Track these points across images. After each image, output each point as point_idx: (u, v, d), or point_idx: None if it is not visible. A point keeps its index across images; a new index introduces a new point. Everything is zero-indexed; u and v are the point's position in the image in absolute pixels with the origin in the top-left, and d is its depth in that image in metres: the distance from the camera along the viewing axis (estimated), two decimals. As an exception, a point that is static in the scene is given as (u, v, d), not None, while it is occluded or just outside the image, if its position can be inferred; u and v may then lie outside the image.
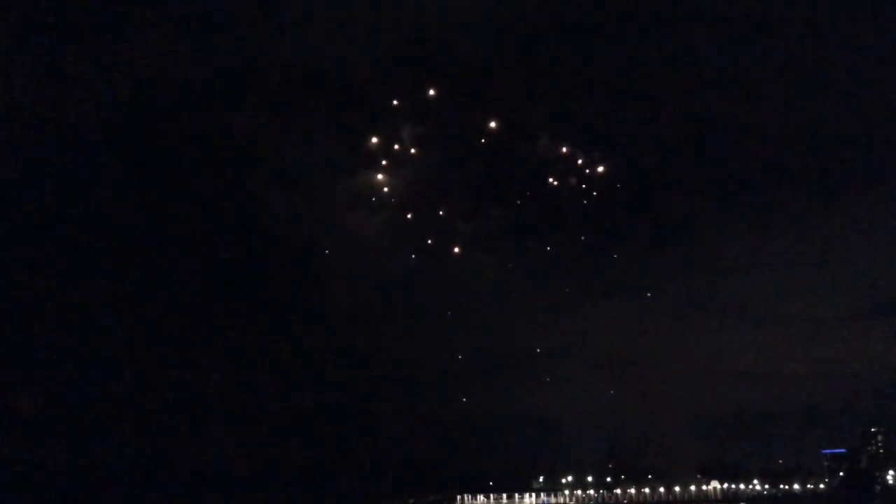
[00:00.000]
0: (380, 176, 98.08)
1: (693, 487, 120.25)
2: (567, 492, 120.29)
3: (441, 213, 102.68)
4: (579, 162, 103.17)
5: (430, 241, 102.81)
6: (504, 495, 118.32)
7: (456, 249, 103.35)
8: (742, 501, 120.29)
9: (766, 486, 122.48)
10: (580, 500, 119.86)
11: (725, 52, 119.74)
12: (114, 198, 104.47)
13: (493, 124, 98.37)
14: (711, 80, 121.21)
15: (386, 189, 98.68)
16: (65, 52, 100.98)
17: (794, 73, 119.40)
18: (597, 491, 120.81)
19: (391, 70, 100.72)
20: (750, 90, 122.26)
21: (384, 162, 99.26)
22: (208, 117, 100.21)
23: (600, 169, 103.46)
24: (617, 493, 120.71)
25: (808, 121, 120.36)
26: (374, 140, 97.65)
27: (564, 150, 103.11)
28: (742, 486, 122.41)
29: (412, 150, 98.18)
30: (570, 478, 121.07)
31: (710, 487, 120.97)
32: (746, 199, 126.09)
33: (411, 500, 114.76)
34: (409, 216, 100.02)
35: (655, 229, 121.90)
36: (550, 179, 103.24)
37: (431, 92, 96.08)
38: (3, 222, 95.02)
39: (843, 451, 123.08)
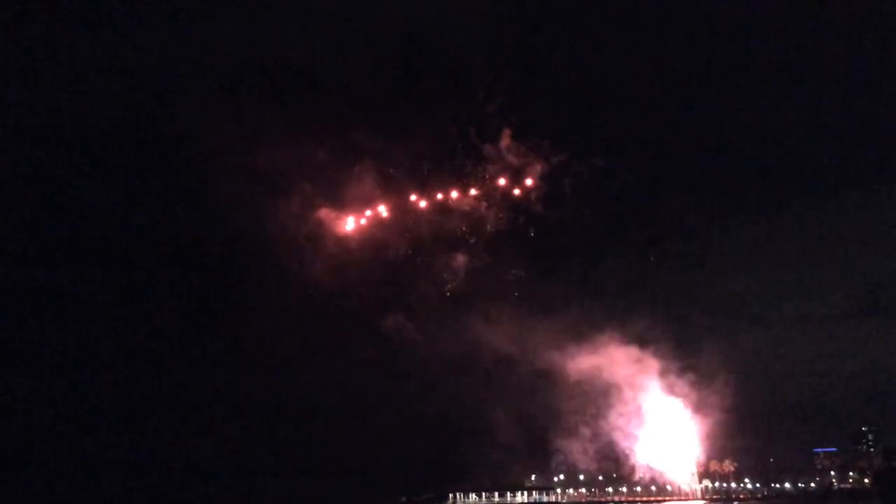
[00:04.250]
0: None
1: (685, 485, 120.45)
2: (559, 490, 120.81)
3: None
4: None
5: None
6: (496, 494, 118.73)
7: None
8: (734, 500, 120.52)
9: (758, 485, 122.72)
10: (572, 498, 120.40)
11: (724, 50, 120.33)
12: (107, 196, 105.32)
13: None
14: (710, 80, 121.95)
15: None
16: (62, 50, 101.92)
17: (793, 72, 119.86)
18: (588, 490, 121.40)
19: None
20: (747, 89, 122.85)
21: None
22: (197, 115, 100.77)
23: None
24: (608, 492, 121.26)
25: (807, 121, 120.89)
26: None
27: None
28: (734, 485, 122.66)
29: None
30: (561, 476, 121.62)
31: (703, 486, 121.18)
32: (741, 199, 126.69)
33: (404, 499, 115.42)
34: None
35: (651, 228, 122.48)
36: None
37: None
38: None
39: (834, 449, 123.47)
